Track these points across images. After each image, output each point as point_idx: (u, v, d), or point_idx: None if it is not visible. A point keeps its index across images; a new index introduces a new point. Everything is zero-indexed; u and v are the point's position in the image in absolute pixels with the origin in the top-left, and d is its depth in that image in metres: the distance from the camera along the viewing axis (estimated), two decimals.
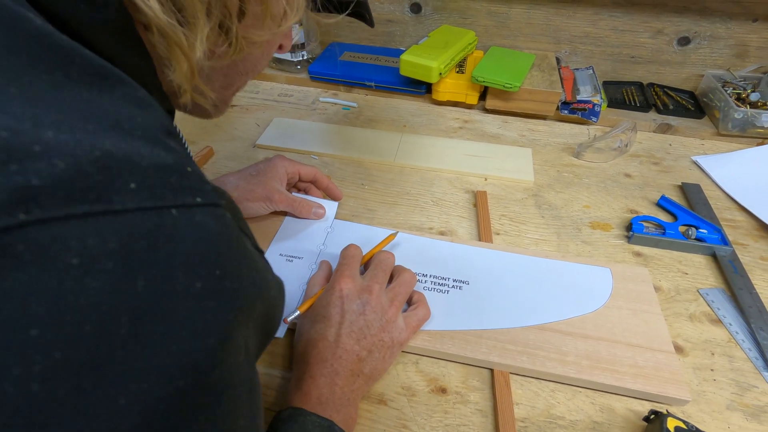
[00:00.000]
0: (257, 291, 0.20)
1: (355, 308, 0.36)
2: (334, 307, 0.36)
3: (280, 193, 0.48)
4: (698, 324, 0.44)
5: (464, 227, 0.55)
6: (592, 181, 0.63)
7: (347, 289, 0.37)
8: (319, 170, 0.54)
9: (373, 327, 0.36)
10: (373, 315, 0.36)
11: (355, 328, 0.36)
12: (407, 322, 0.38)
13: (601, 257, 0.51)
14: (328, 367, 0.34)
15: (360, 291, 0.37)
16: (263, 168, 0.50)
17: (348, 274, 0.38)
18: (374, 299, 0.37)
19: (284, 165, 0.51)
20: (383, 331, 0.37)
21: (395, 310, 0.38)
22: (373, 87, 0.79)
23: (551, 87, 0.70)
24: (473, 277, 0.45)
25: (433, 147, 0.67)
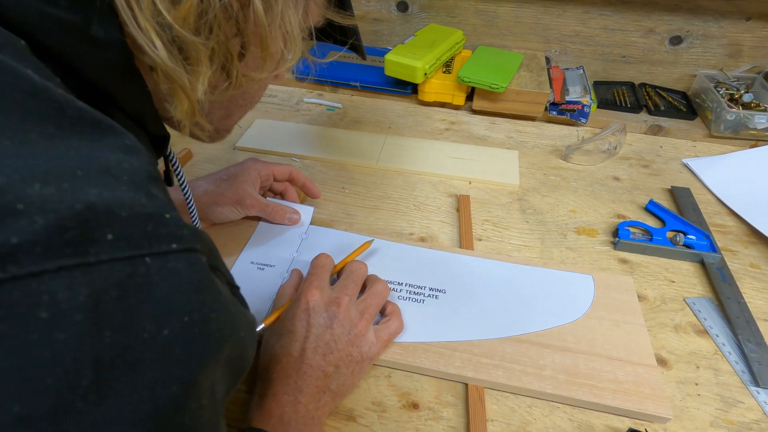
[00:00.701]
0: (226, 334, 0.19)
1: (321, 321, 0.35)
2: (300, 321, 0.35)
3: (252, 197, 0.47)
4: (683, 335, 0.43)
5: (445, 233, 0.53)
6: (579, 184, 0.61)
7: (314, 302, 0.35)
8: (295, 168, 0.52)
9: (341, 341, 0.35)
10: (341, 329, 0.35)
11: (322, 342, 0.34)
12: (378, 336, 0.37)
13: (586, 264, 0.50)
14: (292, 384, 0.33)
15: (328, 303, 0.36)
16: (235, 171, 0.48)
17: (316, 285, 0.36)
18: (342, 312, 0.35)
19: (257, 167, 0.49)
20: (352, 345, 0.35)
21: (365, 323, 0.36)
22: (358, 87, 0.78)
23: (539, 87, 0.69)
24: (450, 286, 0.44)
25: (417, 149, 0.65)
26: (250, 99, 0.33)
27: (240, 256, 0.47)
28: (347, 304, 0.36)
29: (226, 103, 0.31)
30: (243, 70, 0.27)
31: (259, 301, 0.42)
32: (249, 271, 0.45)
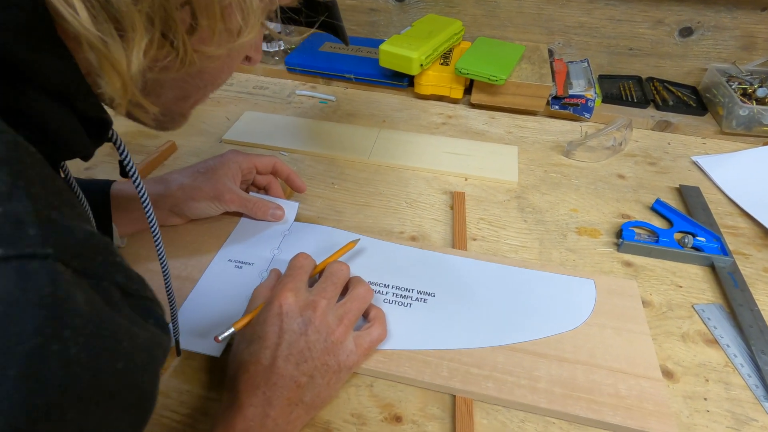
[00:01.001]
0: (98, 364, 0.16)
1: (295, 327, 0.32)
2: (272, 326, 0.32)
3: (232, 192, 0.44)
4: (692, 345, 0.40)
5: (438, 232, 0.50)
6: (581, 182, 0.58)
7: (288, 305, 0.33)
8: (279, 159, 0.49)
9: (316, 349, 0.32)
10: (316, 335, 0.32)
11: (295, 350, 0.31)
12: (358, 344, 0.34)
13: (587, 267, 0.46)
14: (260, 395, 0.30)
15: (303, 307, 0.33)
16: (214, 164, 0.45)
17: (291, 287, 0.34)
18: (319, 317, 0.33)
19: (237, 160, 0.46)
20: (328, 353, 0.32)
21: (344, 330, 0.33)
22: (352, 79, 0.75)
23: (541, 80, 0.65)
24: (440, 289, 0.41)
25: (411, 144, 0.62)
26: (210, 80, 0.30)
27: (218, 254, 0.44)
28: (324, 308, 0.33)
29: (180, 83, 0.28)
30: (195, 45, 0.24)
31: (236, 302, 0.39)
32: (226, 270, 0.42)
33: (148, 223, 0.44)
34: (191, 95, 0.30)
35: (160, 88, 0.27)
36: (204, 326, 0.38)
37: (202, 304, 0.39)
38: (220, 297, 0.40)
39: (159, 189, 0.43)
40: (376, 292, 0.40)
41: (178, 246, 0.44)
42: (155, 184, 0.43)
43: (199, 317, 0.38)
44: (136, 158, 0.60)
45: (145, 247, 0.44)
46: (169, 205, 0.43)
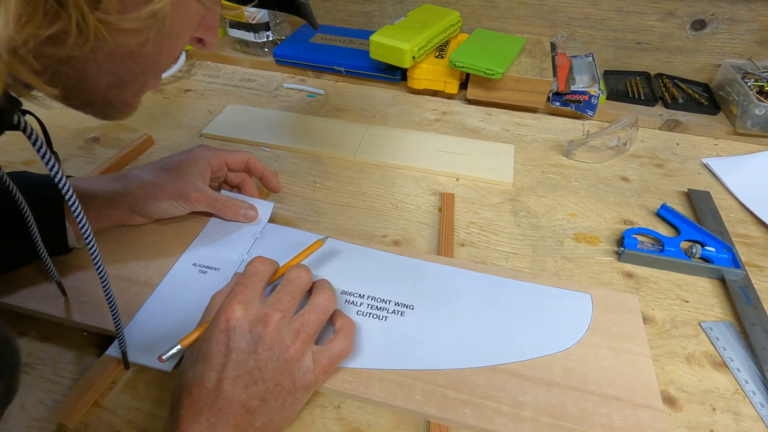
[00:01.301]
0: None
1: (244, 345, 0.28)
2: (218, 344, 0.29)
3: (198, 190, 0.41)
4: (697, 368, 0.36)
5: (424, 236, 0.46)
6: (581, 184, 0.54)
7: (236, 320, 0.29)
8: (253, 156, 0.46)
9: (268, 369, 0.28)
10: (267, 353, 0.29)
11: (243, 371, 0.28)
12: (317, 360, 0.31)
13: (584, 277, 0.43)
14: (203, 422, 0.26)
15: (253, 322, 0.29)
16: (179, 160, 0.42)
17: (241, 298, 0.30)
18: (271, 332, 0.29)
19: (206, 156, 0.43)
20: (282, 372, 0.29)
21: (300, 345, 0.30)
22: (343, 72, 0.71)
23: (541, 75, 0.61)
24: (420, 301, 0.37)
25: (401, 141, 0.59)
26: (148, 64, 0.26)
27: (182, 257, 0.40)
28: (278, 322, 0.30)
29: (109, 66, 0.24)
30: (100, 15, 0.20)
31: (197, 311, 0.35)
32: (189, 275, 0.39)
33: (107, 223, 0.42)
34: (128, 81, 0.26)
35: (69, 68, 0.23)
36: (159, 337, 0.34)
37: (160, 312, 0.36)
38: (180, 305, 0.37)
39: (117, 186, 0.40)
40: (350, 302, 0.37)
41: (140, 247, 0.41)
42: (114, 181, 0.40)
43: (155, 327, 0.35)
44: (110, 152, 0.57)
45: (106, 248, 0.41)
46: (128, 204, 0.40)
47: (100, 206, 0.39)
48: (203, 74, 0.74)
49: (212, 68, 0.76)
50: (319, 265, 0.40)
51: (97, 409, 0.33)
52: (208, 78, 0.73)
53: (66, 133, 0.60)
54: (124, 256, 0.40)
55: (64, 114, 0.63)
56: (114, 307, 0.30)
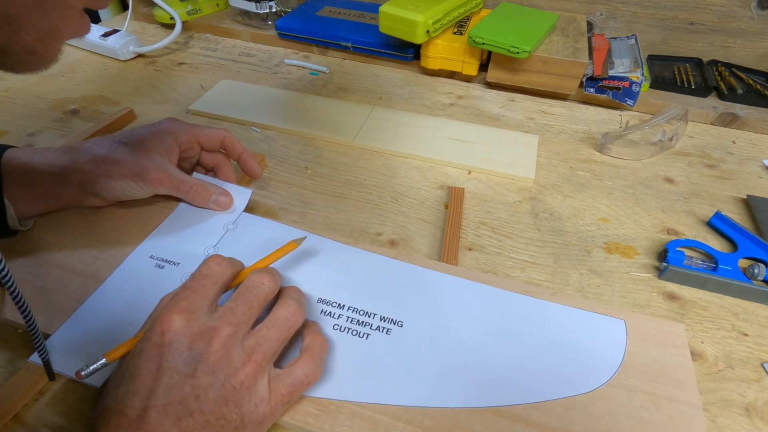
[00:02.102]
0: None
1: (180, 365, 0.23)
2: (148, 361, 0.23)
3: (161, 170, 0.35)
4: (760, 422, 0.28)
5: (425, 236, 0.40)
6: (616, 184, 0.46)
7: (173, 333, 0.23)
8: (230, 133, 0.39)
9: (209, 397, 0.22)
10: (209, 378, 0.23)
11: (176, 398, 0.22)
12: (274, 388, 0.24)
13: (615, 297, 0.35)
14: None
15: (195, 337, 0.23)
16: (142, 134, 0.36)
17: (184, 306, 0.24)
18: (216, 351, 0.23)
19: (174, 131, 0.37)
20: (226, 403, 0.23)
21: (254, 369, 0.24)
22: (350, 49, 0.64)
23: (575, 56, 0.53)
24: (412, 317, 0.30)
25: (407, 125, 0.52)
26: None
27: (138, 248, 0.35)
28: (226, 339, 0.23)
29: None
30: None
31: (145, 313, 0.30)
32: (144, 269, 0.33)
33: (56, 203, 0.36)
34: (21, 18, 0.20)
35: None
36: (96, 342, 0.29)
37: (104, 312, 0.31)
38: (127, 305, 0.31)
39: (65, 160, 0.34)
40: (326, 313, 0.31)
41: (93, 234, 0.36)
42: (62, 154, 0.35)
43: (96, 330, 0.30)
44: (86, 125, 0.52)
45: (55, 233, 0.36)
46: (77, 181, 0.34)
47: (45, 183, 0.34)
48: (200, 47, 0.69)
49: (210, 41, 0.70)
50: (293, 265, 0.34)
51: (16, 425, 0.27)
52: (205, 51, 0.68)
53: (44, 104, 0.55)
54: (73, 242, 0.35)
55: (44, 84, 0.58)
56: (25, 310, 0.24)
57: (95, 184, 0.34)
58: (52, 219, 0.37)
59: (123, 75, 0.61)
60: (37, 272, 0.33)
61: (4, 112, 0.53)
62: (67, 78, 0.60)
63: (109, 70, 0.62)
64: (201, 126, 0.38)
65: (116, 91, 0.58)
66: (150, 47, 0.64)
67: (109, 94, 0.57)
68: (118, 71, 0.62)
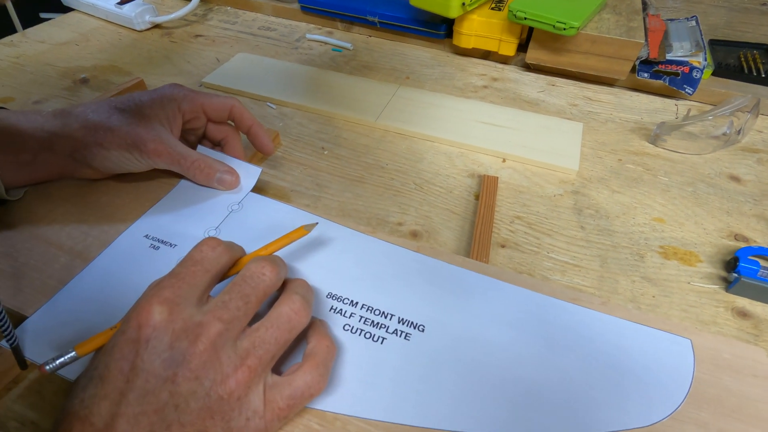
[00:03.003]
0: None
1: (158, 368, 0.19)
2: (120, 360, 0.19)
3: (159, 141, 0.31)
4: None
5: (452, 229, 0.35)
6: (673, 180, 0.40)
7: (152, 328, 0.19)
8: (240, 103, 0.35)
9: (190, 408, 0.19)
10: (192, 384, 0.19)
11: (151, 406, 0.18)
12: (271, 399, 0.20)
13: (674, 310, 0.30)
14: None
15: (178, 334, 0.19)
16: (141, 100, 0.32)
17: (167, 296, 0.20)
18: (201, 353, 0.19)
19: (177, 98, 0.33)
20: (211, 415, 0.19)
21: (247, 376, 0.20)
22: (377, 24, 0.59)
23: (628, 35, 0.47)
24: (435, 322, 0.26)
25: (436, 107, 0.47)
26: None
27: (133, 225, 0.31)
28: (215, 337, 0.20)
29: None
30: None
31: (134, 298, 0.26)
32: (137, 249, 0.30)
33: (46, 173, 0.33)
34: None
35: None
36: (78, 329, 0.26)
37: (87, 295, 0.27)
38: (115, 288, 0.28)
39: (54, 125, 0.31)
40: (336, 311, 0.27)
41: (86, 208, 0.32)
42: (52, 119, 0.31)
43: (75, 315, 0.26)
44: (95, 94, 0.49)
45: (45, 205, 0.33)
46: (67, 150, 0.31)
47: (33, 149, 0.31)
48: (219, 19, 0.65)
49: (230, 14, 0.67)
50: (301, 253, 0.30)
51: None
52: (224, 24, 0.64)
53: (54, 72, 0.52)
54: (64, 216, 0.32)
55: (56, 51, 0.56)
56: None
57: (87, 153, 0.30)
58: (43, 189, 0.33)
59: (137, 45, 0.58)
60: (20, 246, 0.30)
61: (11, 78, 0.51)
62: (81, 47, 0.57)
63: (124, 40, 0.59)
64: (207, 93, 0.35)
65: (129, 61, 0.55)
66: (167, 17, 0.61)
67: (121, 64, 0.54)
68: (133, 41, 0.59)
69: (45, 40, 0.58)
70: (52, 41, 0.58)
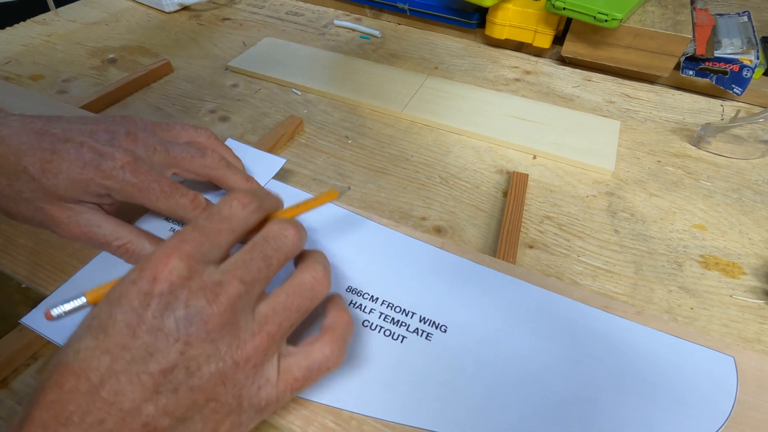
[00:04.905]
0: None
1: (171, 326, 0.17)
2: (128, 312, 0.17)
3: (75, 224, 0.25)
4: None
5: (478, 226, 0.34)
6: (716, 186, 0.38)
7: (168, 282, 0.18)
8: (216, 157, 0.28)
9: (201, 373, 0.17)
10: (206, 347, 0.18)
11: (157, 366, 0.17)
12: (286, 368, 0.19)
13: (714, 324, 0.28)
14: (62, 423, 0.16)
15: (196, 291, 0.18)
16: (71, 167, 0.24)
17: (188, 251, 0.18)
18: (220, 314, 0.18)
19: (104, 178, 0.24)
20: (223, 382, 0.18)
21: (265, 343, 0.19)
22: (406, 12, 0.58)
23: (674, 29, 0.44)
24: (458, 323, 0.25)
25: (465, 99, 0.45)
26: None
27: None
28: (236, 299, 0.18)
29: None
30: None
31: None
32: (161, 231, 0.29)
33: None
34: None
35: None
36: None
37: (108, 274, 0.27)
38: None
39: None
40: (355, 306, 0.26)
41: None
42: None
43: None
44: (122, 74, 0.49)
45: None
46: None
47: None
48: (247, 3, 0.64)
49: None
50: (321, 245, 0.29)
51: (2, 391, 0.24)
52: (252, 8, 0.63)
53: (83, 51, 0.53)
54: None
55: (86, 31, 0.56)
56: None
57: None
58: None
59: (165, 27, 0.58)
60: None
61: (43, 56, 0.51)
62: (110, 27, 0.58)
63: (152, 21, 0.59)
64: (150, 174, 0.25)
65: (156, 42, 0.55)
66: (195, 0, 0.61)
67: (149, 45, 0.54)
68: (161, 23, 0.59)
69: (76, 19, 0.59)
70: (83, 20, 0.58)
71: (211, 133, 0.30)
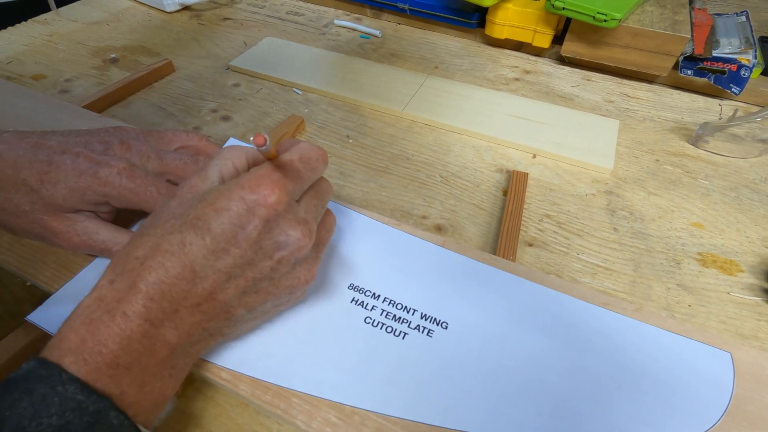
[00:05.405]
0: None
1: (269, 246, 0.20)
2: (232, 225, 0.19)
3: (74, 233, 0.25)
4: None
5: (478, 225, 0.34)
6: (714, 184, 0.38)
7: (273, 209, 0.20)
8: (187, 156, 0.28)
9: (281, 284, 0.22)
10: (287, 269, 0.21)
11: (250, 272, 0.20)
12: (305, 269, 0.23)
13: (712, 321, 0.28)
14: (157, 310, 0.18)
15: (292, 223, 0.20)
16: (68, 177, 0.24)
17: (290, 189, 0.21)
18: (304, 247, 0.21)
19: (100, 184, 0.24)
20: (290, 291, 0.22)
21: (316, 268, 0.23)
22: (407, 11, 0.58)
23: (673, 29, 0.45)
24: (459, 320, 0.25)
25: (465, 99, 0.45)
26: None
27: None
28: (312, 236, 0.21)
29: None
30: None
31: None
32: None
33: None
34: None
35: None
36: None
37: None
38: None
39: None
40: (358, 303, 0.26)
41: None
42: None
43: None
44: (124, 74, 0.49)
45: None
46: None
47: None
48: (248, 3, 0.65)
49: None
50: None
51: None
52: (252, 8, 0.64)
53: (85, 51, 0.53)
54: None
55: (88, 31, 0.56)
56: None
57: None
58: None
59: (166, 27, 0.58)
60: None
61: (45, 56, 0.52)
62: (111, 26, 0.58)
63: (153, 21, 0.59)
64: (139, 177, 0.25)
65: (158, 42, 0.55)
66: (196, 0, 0.61)
67: (150, 45, 0.55)
68: (162, 23, 0.59)
69: (77, 19, 0.59)
70: (84, 20, 0.59)
71: (202, 136, 0.30)
